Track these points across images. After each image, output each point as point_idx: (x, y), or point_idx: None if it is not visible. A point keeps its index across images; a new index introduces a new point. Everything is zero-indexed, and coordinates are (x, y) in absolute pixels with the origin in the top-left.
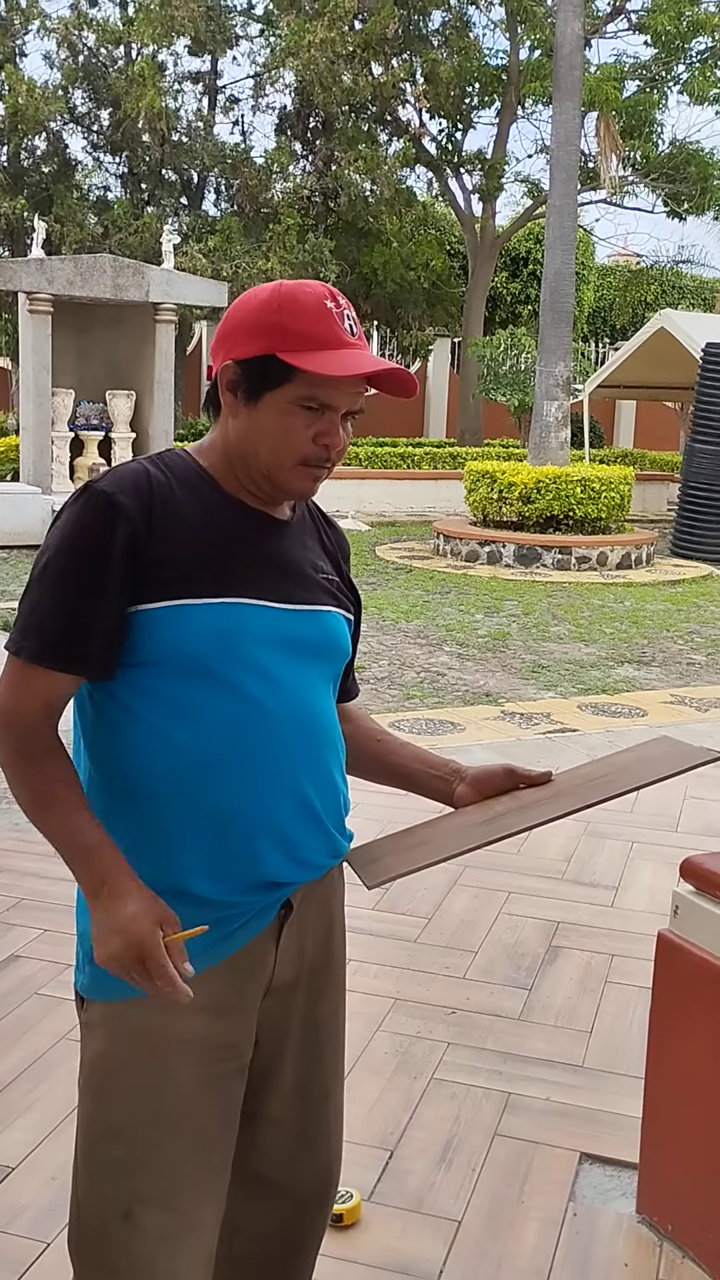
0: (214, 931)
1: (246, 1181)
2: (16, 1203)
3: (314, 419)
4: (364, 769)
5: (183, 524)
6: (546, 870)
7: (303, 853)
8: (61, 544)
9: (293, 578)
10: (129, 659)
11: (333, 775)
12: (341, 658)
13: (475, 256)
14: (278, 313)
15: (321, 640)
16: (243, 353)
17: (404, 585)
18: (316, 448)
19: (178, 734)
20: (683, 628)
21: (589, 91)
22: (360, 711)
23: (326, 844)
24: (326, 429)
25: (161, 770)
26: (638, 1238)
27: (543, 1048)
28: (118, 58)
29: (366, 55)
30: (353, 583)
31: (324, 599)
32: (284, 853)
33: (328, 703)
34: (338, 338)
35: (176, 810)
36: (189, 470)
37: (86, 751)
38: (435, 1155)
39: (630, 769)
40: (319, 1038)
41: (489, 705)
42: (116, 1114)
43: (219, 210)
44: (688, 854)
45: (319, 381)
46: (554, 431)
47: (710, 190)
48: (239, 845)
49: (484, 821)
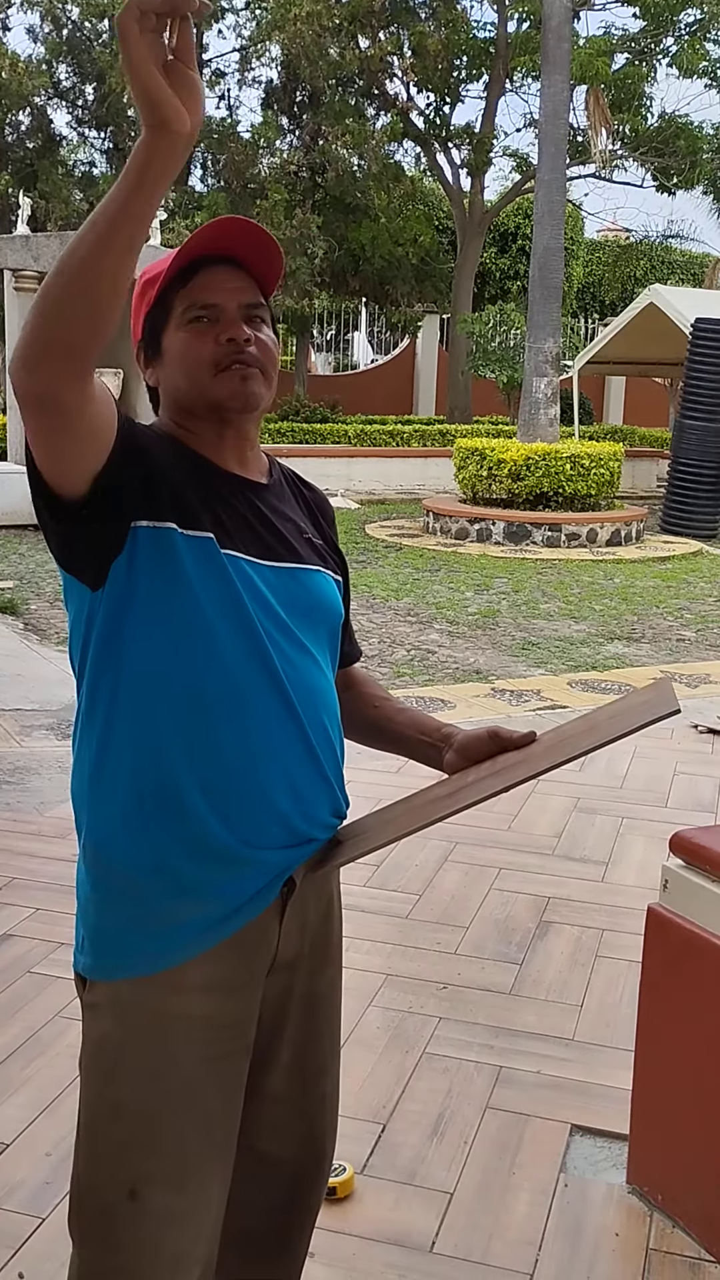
0: (219, 907)
1: (246, 1156)
2: (11, 1179)
3: (209, 328)
4: (361, 734)
5: (174, 474)
6: (537, 846)
7: (310, 807)
8: None
9: (277, 535)
10: (134, 582)
11: (329, 732)
12: (335, 619)
13: (464, 232)
14: (140, 279)
15: (312, 600)
16: (139, 330)
17: (393, 563)
18: (220, 345)
19: (175, 690)
20: (672, 604)
21: (578, 65)
22: (362, 675)
23: (330, 798)
24: (224, 328)
25: (160, 722)
26: (628, 1208)
27: (534, 1021)
28: (102, 31)
29: (353, 28)
30: (338, 545)
31: (311, 559)
32: (293, 801)
33: (324, 660)
34: (185, 248)
35: (180, 766)
36: (163, 437)
37: (83, 723)
38: (427, 1128)
39: (602, 726)
40: (317, 1013)
41: (479, 682)
42: (122, 1094)
43: (206, 186)
44: (677, 829)
45: (190, 292)
46: (543, 408)
47: (700, 164)
48: (252, 786)
49: (448, 794)
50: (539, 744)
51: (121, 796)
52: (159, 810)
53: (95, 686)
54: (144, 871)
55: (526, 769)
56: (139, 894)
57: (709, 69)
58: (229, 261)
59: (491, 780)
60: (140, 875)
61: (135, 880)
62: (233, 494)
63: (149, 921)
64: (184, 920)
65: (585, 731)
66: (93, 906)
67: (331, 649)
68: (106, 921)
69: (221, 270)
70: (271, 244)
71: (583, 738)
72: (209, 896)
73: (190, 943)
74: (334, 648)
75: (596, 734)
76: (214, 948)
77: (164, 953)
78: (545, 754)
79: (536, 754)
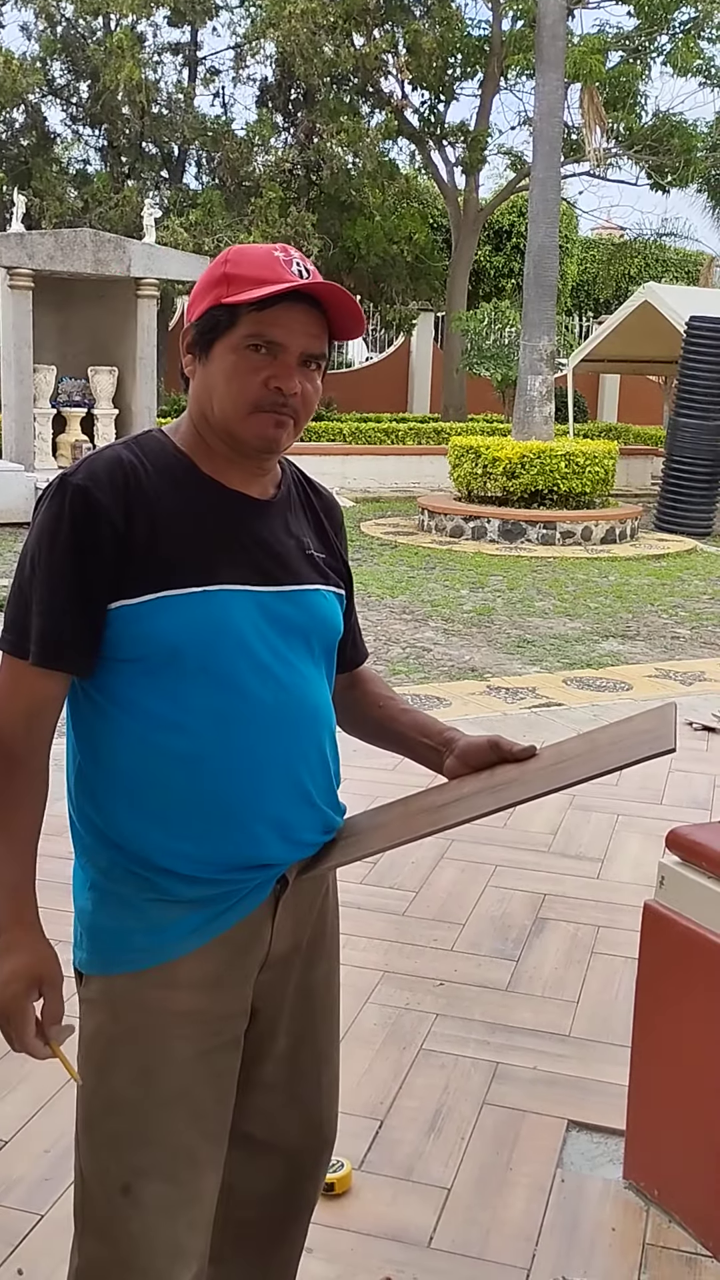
0: (208, 909)
1: (241, 1144)
2: (10, 1175)
3: (264, 362)
4: (363, 732)
5: (160, 512)
6: (533, 843)
7: (296, 833)
8: (40, 542)
9: (276, 558)
10: (110, 654)
11: (324, 754)
12: (332, 635)
13: (458, 230)
14: (223, 264)
15: (309, 620)
16: (197, 313)
17: (389, 561)
18: (267, 390)
19: (162, 734)
20: (667, 602)
21: (572, 63)
22: (368, 674)
23: (319, 821)
24: (278, 372)
25: (148, 766)
26: (625, 1203)
27: (530, 1018)
28: (96, 29)
29: (348, 26)
30: (343, 554)
31: (312, 577)
32: (278, 835)
33: (318, 682)
34: (280, 276)
35: (165, 803)
36: (165, 453)
37: (74, 740)
38: (425, 1124)
39: (600, 749)
40: (312, 1005)
41: (474, 680)
42: (115, 1088)
43: (200, 184)
44: (672, 826)
45: (262, 319)
46: (538, 406)
47: (694, 162)
48: (231, 832)
49: (442, 805)
50: (538, 760)
51: (105, 821)
52: (138, 845)
53: (79, 734)
54: (133, 883)
55: (520, 790)
56: (129, 898)
57: (703, 67)
58: (311, 301)
59: (485, 798)
60: (128, 887)
61: (123, 890)
62: (233, 521)
63: (142, 919)
64: (176, 919)
65: (584, 754)
66: (89, 904)
67: (328, 663)
68: (101, 918)
69: (300, 309)
70: (358, 313)
71: (579, 764)
72: (199, 904)
73: (183, 940)
74: (330, 661)
75: (592, 761)
76: (207, 944)
77: (157, 948)
78: (540, 776)
79: (532, 773)
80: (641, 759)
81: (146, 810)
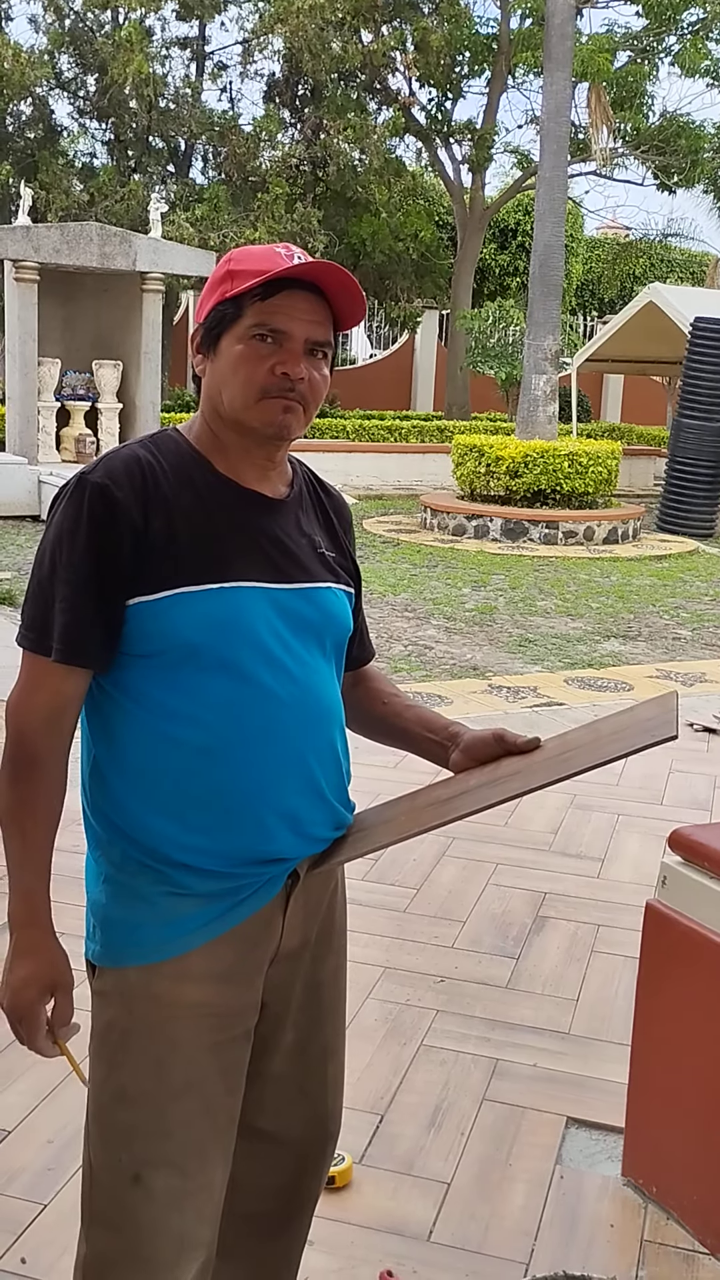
0: (220, 902)
1: (248, 1137)
2: (13, 1165)
3: (270, 350)
4: (370, 730)
5: (177, 510)
6: (533, 842)
7: (307, 827)
8: (60, 540)
9: (290, 556)
10: (127, 649)
11: (335, 749)
12: (343, 633)
13: (464, 228)
14: (227, 264)
15: (321, 618)
16: (204, 312)
17: (391, 559)
18: (274, 376)
19: (177, 727)
20: (669, 602)
21: (580, 62)
22: (374, 672)
23: (330, 817)
24: (284, 358)
25: (162, 759)
26: (623, 1200)
27: (530, 1015)
28: (105, 22)
29: (356, 22)
30: (353, 554)
31: (324, 576)
32: (290, 829)
33: (329, 678)
34: (282, 267)
35: (179, 796)
36: (181, 452)
37: (89, 733)
38: (425, 1119)
39: (604, 738)
40: (320, 999)
41: (476, 679)
42: (126, 1080)
43: (206, 179)
44: (673, 826)
45: (266, 309)
46: (542, 405)
47: (700, 163)
48: (244, 825)
49: (449, 798)
50: (542, 752)
51: (118, 813)
52: (152, 839)
53: (94, 727)
54: (146, 876)
55: (524, 781)
56: (142, 891)
57: (711, 68)
58: (313, 290)
59: (489, 790)
60: (141, 880)
61: (136, 883)
62: (248, 519)
63: (155, 912)
64: (189, 912)
65: (588, 744)
66: (102, 896)
67: (338, 660)
68: (114, 910)
69: (302, 297)
70: (359, 294)
71: (583, 753)
72: (212, 897)
73: (195, 933)
74: (340, 659)
75: (596, 750)
76: (219, 938)
77: (169, 941)
78: (545, 767)
79: (537, 764)
80: (645, 746)
81: (160, 803)
